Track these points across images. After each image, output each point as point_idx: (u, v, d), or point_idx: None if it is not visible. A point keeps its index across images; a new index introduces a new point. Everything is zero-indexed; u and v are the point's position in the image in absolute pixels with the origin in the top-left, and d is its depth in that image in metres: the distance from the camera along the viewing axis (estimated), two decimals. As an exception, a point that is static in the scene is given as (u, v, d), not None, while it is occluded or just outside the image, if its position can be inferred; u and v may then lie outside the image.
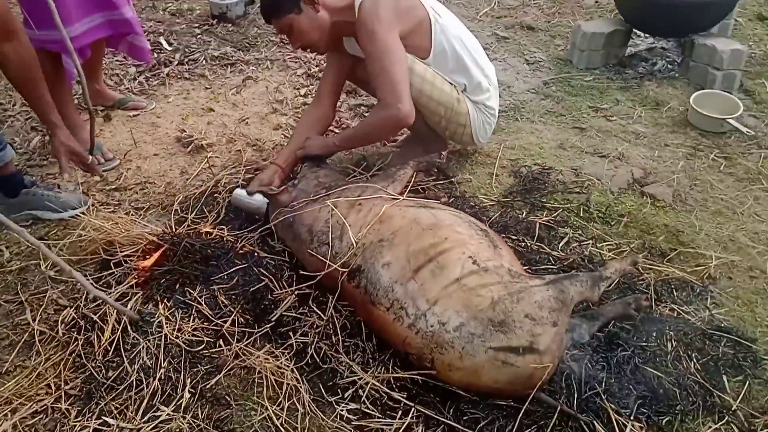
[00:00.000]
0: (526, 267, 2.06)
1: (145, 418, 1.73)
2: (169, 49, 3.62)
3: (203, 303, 2.01)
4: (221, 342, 1.92)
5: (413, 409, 1.72)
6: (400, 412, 1.72)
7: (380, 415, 1.72)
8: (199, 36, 3.78)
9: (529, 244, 2.22)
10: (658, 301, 2.03)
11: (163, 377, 1.82)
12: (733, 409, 1.73)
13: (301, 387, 1.79)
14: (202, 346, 1.91)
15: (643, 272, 2.11)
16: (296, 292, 2.04)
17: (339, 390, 1.80)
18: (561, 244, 2.23)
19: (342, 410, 1.74)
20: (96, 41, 2.67)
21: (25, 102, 3.13)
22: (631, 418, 1.68)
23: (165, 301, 2.01)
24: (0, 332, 2.01)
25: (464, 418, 1.68)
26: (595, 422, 1.65)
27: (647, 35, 3.67)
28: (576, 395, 1.70)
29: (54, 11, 2.15)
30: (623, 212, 2.39)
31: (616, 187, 2.52)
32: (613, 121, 2.96)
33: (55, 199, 2.44)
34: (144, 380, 1.81)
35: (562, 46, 3.65)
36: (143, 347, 1.89)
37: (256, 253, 2.16)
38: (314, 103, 2.60)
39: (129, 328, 1.94)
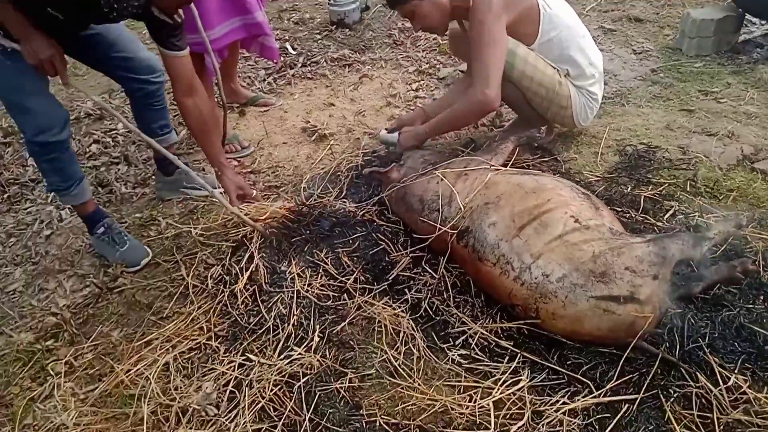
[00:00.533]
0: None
1: (282, 356, 1.99)
2: (294, 53, 3.99)
3: (329, 263, 2.26)
4: (345, 296, 2.16)
5: (519, 354, 1.86)
6: (507, 358, 1.88)
7: (488, 360, 1.88)
8: (319, 41, 4.13)
9: (633, 216, 2.29)
10: (766, 267, 2.04)
11: (295, 323, 2.08)
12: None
13: (416, 334, 1.99)
14: (329, 300, 2.16)
15: (751, 241, 2.14)
16: (410, 255, 2.25)
17: (450, 338, 1.98)
18: (666, 216, 2.29)
19: (454, 355, 1.92)
20: (232, 43, 3.04)
21: (173, 102, 3.60)
22: (735, 371, 1.73)
23: (296, 261, 2.29)
24: (160, 285, 2.37)
25: (567, 362, 1.81)
26: (697, 373, 1.72)
27: (763, 21, 3.59)
28: (678, 347, 1.78)
29: (196, 17, 2.51)
30: (732, 187, 2.41)
31: (725, 163, 2.53)
32: (723, 103, 2.95)
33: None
34: (279, 326, 2.08)
35: (671, 36, 3.65)
36: (278, 299, 2.17)
37: (374, 222, 2.40)
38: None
39: (264, 282, 2.23)
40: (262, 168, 2.98)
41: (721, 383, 1.70)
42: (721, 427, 1.62)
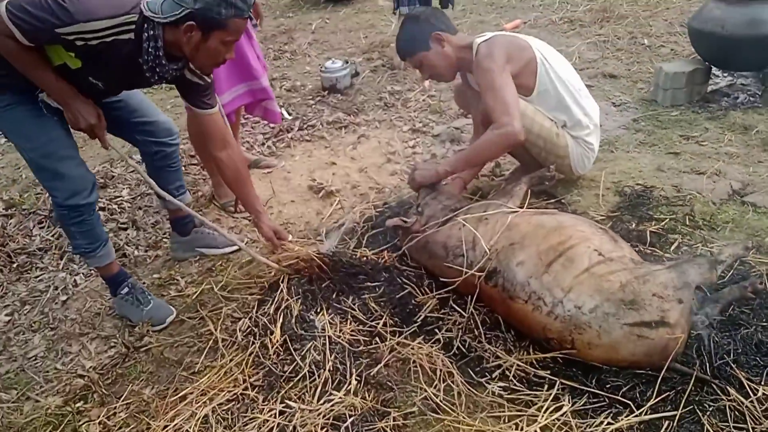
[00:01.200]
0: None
1: (321, 401, 2.01)
2: (290, 118, 4.13)
3: (356, 309, 2.32)
4: (377, 339, 2.21)
5: (558, 382, 1.93)
6: (546, 386, 1.94)
7: (528, 390, 1.94)
8: (313, 105, 4.29)
9: (642, 249, 2.43)
10: (773, 289, 2.18)
11: (331, 369, 2.11)
12: None
13: (453, 371, 2.04)
14: (361, 345, 2.20)
15: (754, 266, 2.28)
16: (437, 296, 2.32)
17: (487, 372, 2.03)
18: (672, 249, 2.44)
19: (493, 387, 1.97)
20: (236, 108, 3.17)
21: (192, 154, 3.69)
22: (761, 383, 1.83)
23: (325, 307, 2.34)
24: (188, 341, 2.38)
25: (606, 386, 1.88)
26: (728, 387, 1.82)
27: (725, 73, 3.91)
28: (708, 364, 1.88)
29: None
30: (727, 219, 2.58)
31: (717, 198, 2.72)
32: (705, 146, 3.17)
33: (218, 238, 2.86)
34: (315, 372, 2.11)
35: (645, 89, 3.93)
36: (311, 346, 2.20)
37: (395, 267, 2.47)
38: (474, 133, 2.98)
39: (295, 329, 2.26)
40: (273, 225, 3.05)
41: (751, 395, 1.79)
42: (760, 436, 1.70)
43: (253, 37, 3.08)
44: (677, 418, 1.76)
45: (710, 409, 1.78)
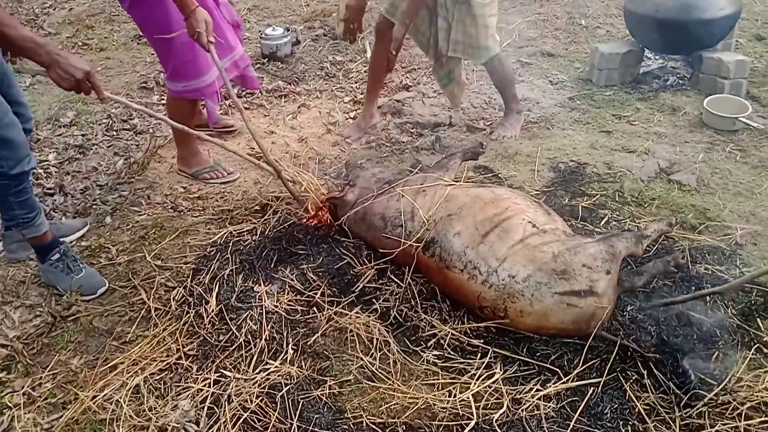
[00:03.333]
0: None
1: (257, 370, 2.00)
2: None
3: (294, 279, 2.30)
4: (315, 309, 2.21)
5: (490, 351, 1.99)
6: (479, 355, 1.99)
7: (462, 358, 1.99)
8: (252, 73, 4.18)
9: (574, 224, 2.51)
10: (693, 263, 2.30)
11: (267, 338, 2.10)
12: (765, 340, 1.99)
13: (389, 340, 2.07)
14: (298, 314, 2.19)
15: (677, 240, 2.40)
16: (375, 267, 2.33)
17: (422, 342, 2.07)
18: (602, 223, 2.53)
19: (428, 356, 2.01)
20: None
21: (107, 132, 3.53)
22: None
23: (262, 279, 2.31)
24: (118, 311, 2.31)
25: (536, 354, 1.95)
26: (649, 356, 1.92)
27: (657, 55, 4.04)
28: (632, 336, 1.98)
29: (218, 62, 2.54)
30: (654, 196, 2.69)
31: (646, 176, 2.83)
32: (636, 125, 3.29)
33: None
34: (251, 341, 2.10)
35: (581, 69, 4.02)
36: (247, 316, 2.18)
37: (334, 238, 2.46)
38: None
39: (232, 300, 2.24)
40: (209, 193, 2.98)
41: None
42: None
43: (219, 2, 2.91)
44: (601, 384, 1.85)
45: (633, 377, 1.87)
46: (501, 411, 1.79)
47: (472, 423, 1.76)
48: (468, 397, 1.85)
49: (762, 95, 3.55)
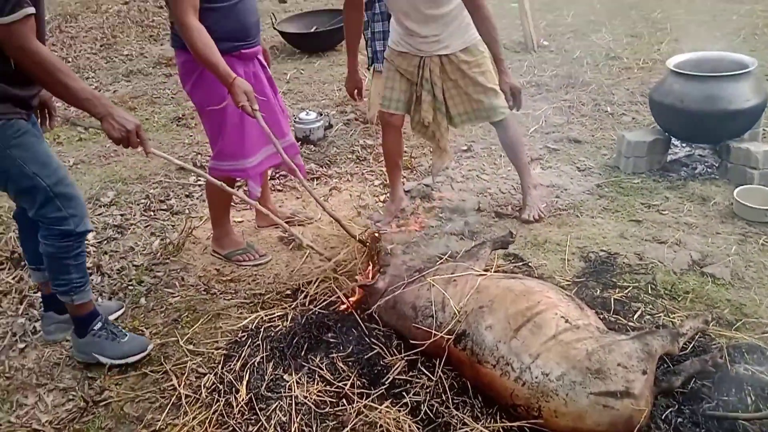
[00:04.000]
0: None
1: (286, 464, 1.98)
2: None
3: (324, 368, 2.30)
4: (344, 401, 2.19)
5: (524, 451, 1.94)
6: (512, 455, 1.95)
7: (495, 458, 1.95)
8: (286, 155, 4.31)
9: (606, 317, 2.49)
10: (732, 362, 2.25)
11: (296, 431, 2.08)
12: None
13: (420, 436, 2.04)
14: (327, 407, 2.18)
15: (714, 338, 2.36)
16: (405, 358, 2.32)
17: (454, 440, 2.04)
18: (635, 317, 2.50)
19: (460, 455, 1.97)
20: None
21: (161, 199, 3.64)
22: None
23: (293, 368, 2.32)
24: (149, 396, 2.32)
25: (571, 456, 1.90)
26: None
27: (684, 143, 4.08)
28: (670, 437, 1.92)
29: (272, 137, 2.67)
30: (688, 289, 2.66)
31: (678, 268, 2.81)
32: (666, 215, 3.29)
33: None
34: (281, 433, 2.08)
35: (608, 155, 4.07)
36: (277, 406, 2.17)
37: (364, 325, 2.47)
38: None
39: (262, 389, 2.23)
40: (241, 276, 3.03)
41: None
42: None
43: (276, 89, 3.06)
44: (641, 491, 1.78)
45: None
46: None
47: None
48: (502, 502, 1.80)
49: (792, 186, 3.54)
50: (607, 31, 6.39)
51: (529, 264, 2.87)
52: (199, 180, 3.91)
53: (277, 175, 3.99)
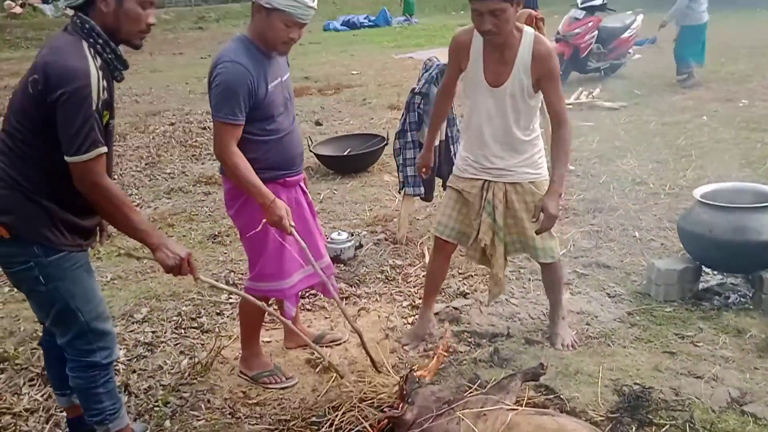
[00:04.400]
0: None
1: None
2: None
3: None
4: None
5: None
6: None
7: None
8: (316, 275, 4.39)
9: (643, 457, 2.39)
10: None
11: None
12: None
13: None
14: None
15: (759, 484, 2.24)
16: (433, 497, 2.24)
17: None
18: (674, 457, 2.40)
19: None
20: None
21: (175, 330, 3.68)
22: None
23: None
24: None
25: None
26: None
27: (716, 271, 4.06)
28: None
29: (310, 258, 2.82)
30: (728, 429, 2.56)
31: (717, 405, 2.71)
32: (701, 347, 3.22)
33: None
34: None
35: (638, 282, 4.05)
36: None
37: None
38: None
39: None
40: (268, 400, 3.00)
41: None
42: None
43: (315, 212, 3.18)
44: None
45: None
46: None
47: None
48: None
49: (830, 320, 3.46)
50: (632, 156, 6.55)
51: (561, 396, 2.81)
52: (231, 297, 3.97)
53: (308, 294, 4.05)
